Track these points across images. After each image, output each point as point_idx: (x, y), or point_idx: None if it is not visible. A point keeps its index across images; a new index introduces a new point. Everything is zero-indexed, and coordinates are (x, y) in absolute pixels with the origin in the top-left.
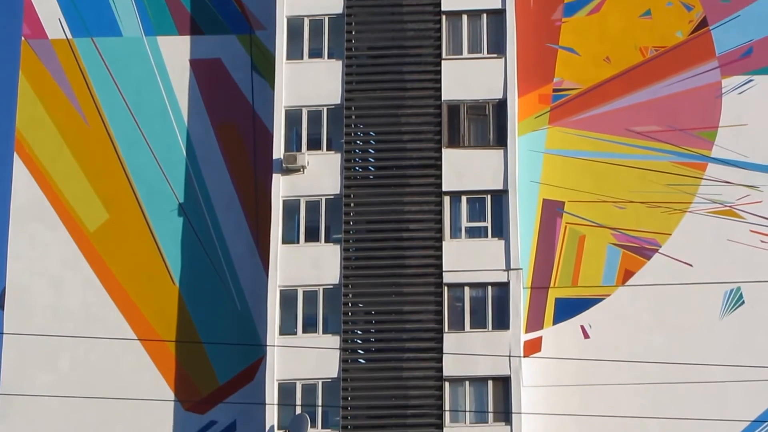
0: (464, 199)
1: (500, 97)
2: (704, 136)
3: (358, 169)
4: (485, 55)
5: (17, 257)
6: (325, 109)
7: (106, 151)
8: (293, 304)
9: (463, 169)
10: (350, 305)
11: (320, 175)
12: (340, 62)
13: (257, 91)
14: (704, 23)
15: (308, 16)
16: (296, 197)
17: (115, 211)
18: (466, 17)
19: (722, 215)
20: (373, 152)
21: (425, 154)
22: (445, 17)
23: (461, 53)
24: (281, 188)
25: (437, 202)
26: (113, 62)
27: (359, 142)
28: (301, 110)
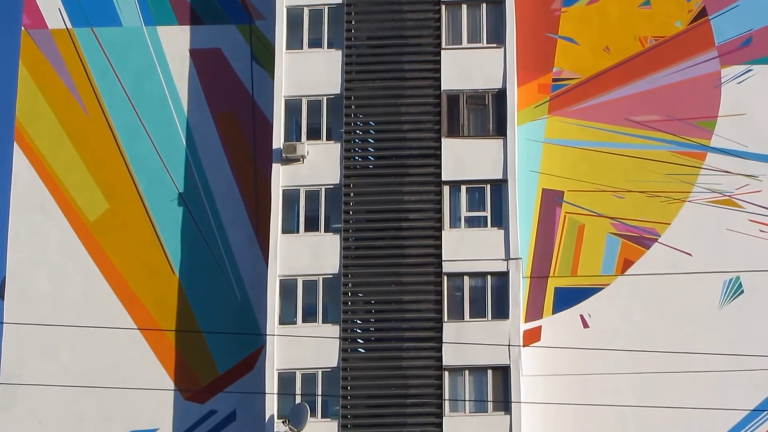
0: (464, 188)
1: (500, 86)
2: (703, 125)
3: (357, 158)
4: (485, 44)
5: (17, 247)
6: (324, 98)
7: (105, 140)
8: (293, 293)
9: (462, 158)
10: (350, 295)
11: (320, 164)
12: (339, 52)
13: (257, 80)
14: (703, 13)
15: (308, 5)
16: (296, 187)
17: (115, 200)
18: (465, 7)
19: (721, 205)
20: (372, 142)
21: (425, 143)
22: (444, 7)
23: (461, 43)
24: (281, 178)
25: (437, 191)
26: (113, 52)
27: (359, 131)
28: (300, 100)
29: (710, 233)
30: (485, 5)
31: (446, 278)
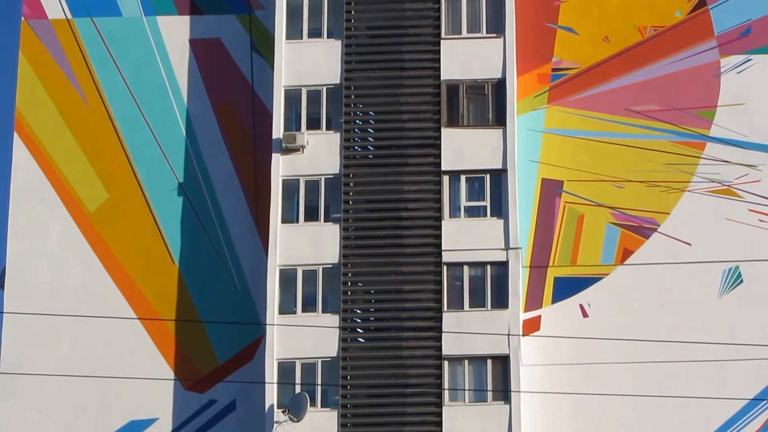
0: (463, 178)
1: (499, 76)
2: (703, 115)
3: (357, 148)
4: (484, 34)
5: (17, 237)
6: (324, 88)
7: (105, 130)
8: (293, 283)
9: (462, 148)
10: (350, 284)
11: (320, 154)
12: (339, 42)
13: (257, 70)
14: (703, 2)
15: None
16: (296, 177)
17: (115, 190)
18: None
19: (721, 194)
20: (372, 132)
21: (424, 133)
22: None
23: (460, 33)
24: (281, 168)
25: (436, 181)
26: (113, 42)
27: (358, 121)
28: (300, 90)
29: (710, 223)
30: None
31: (446, 268)
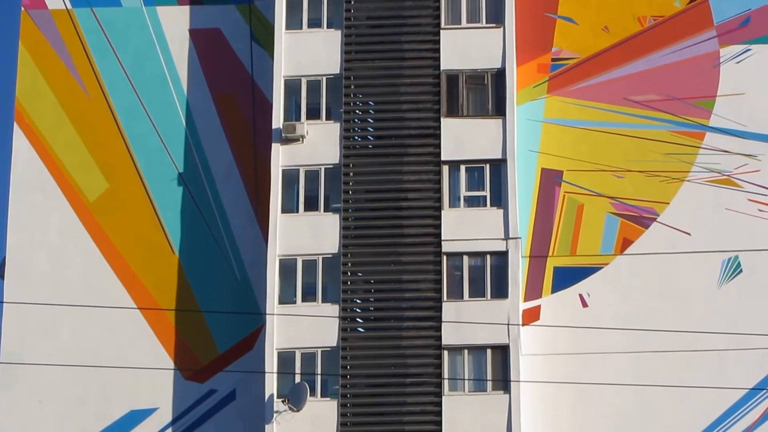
0: (463, 168)
1: (499, 66)
2: (702, 105)
3: (357, 138)
4: (484, 24)
5: (17, 227)
6: (324, 78)
7: (105, 121)
8: (292, 273)
9: (461, 138)
10: (349, 274)
11: (319, 144)
12: (339, 32)
13: (256, 61)
14: None
15: None
16: (295, 167)
17: (114, 180)
18: None
19: (720, 184)
20: (372, 122)
21: (424, 123)
22: None
23: (460, 23)
24: (280, 158)
25: (436, 171)
26: (113, 32)
27: (358, 111)
28: (300, 80)
29: (709, 212)
30: None
31: (445, 258)
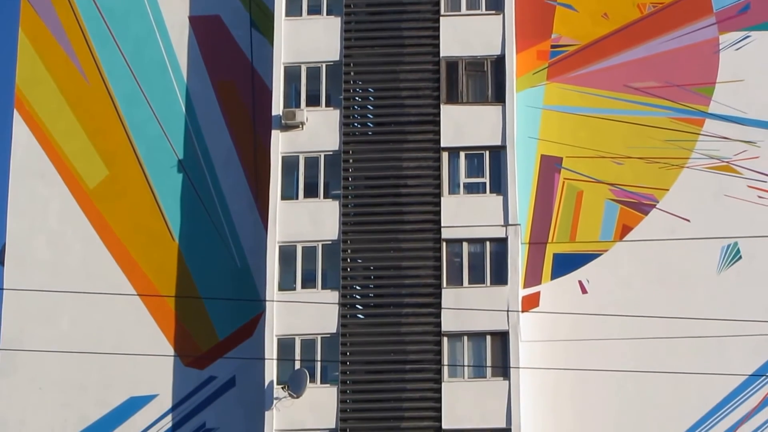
0: (462, 155)
1: (498, 53)
2: (702, 91)
3: (356, 125)
4: (483, 11)
5: (17, 214)
6: (324, 65)
7: (105, 107)
8: (292, 259)
9: (461, 125)
10: (349, 261)
11: (319, 131)
12: (338, 19)
13: (256, 47)
14: None
15: None
16: (295, 153)
17: (114, 167)
18: None
19: (720, 171)
20: (371, 108)
21: (424, 110)
22: None
23: (459, 10)
24: (280, 144)
25: (436, 158)
26: (112, 19)
27: (358, 98)
28: (300, 67)
29: (708, 199)
30: None
31: (445, 244)
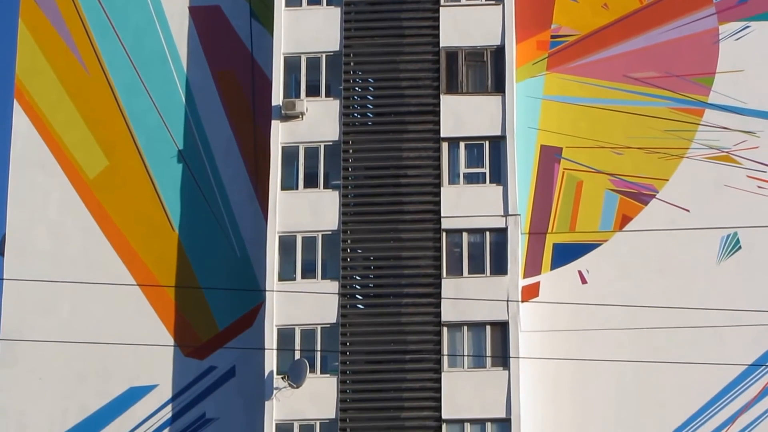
0: (462, 145)
1: (498, 43)
2: (701, 82)
3: (356, 115)
4: (483, 1)
5: (17, 204)
6: (323, 55)
7: (105, 98)
8: (292, 249)
9: (461, 115)
10: (349, 251)
11: (319, 121)
12: (338, 9)
13: (256, 38)
14: None
15: None
16: (295, 143)
17: (114, 157)
18: None
19: (719, 161)
20: (371, 99)
21: (424, 100)
22: None
23: (459, 0)
24: (280, 135)
25: (435, 148)
26: (112, 10)
27: (358, 88)
28: (299, 57)
29: (708, 189)
30: None
31: (445, 234)
